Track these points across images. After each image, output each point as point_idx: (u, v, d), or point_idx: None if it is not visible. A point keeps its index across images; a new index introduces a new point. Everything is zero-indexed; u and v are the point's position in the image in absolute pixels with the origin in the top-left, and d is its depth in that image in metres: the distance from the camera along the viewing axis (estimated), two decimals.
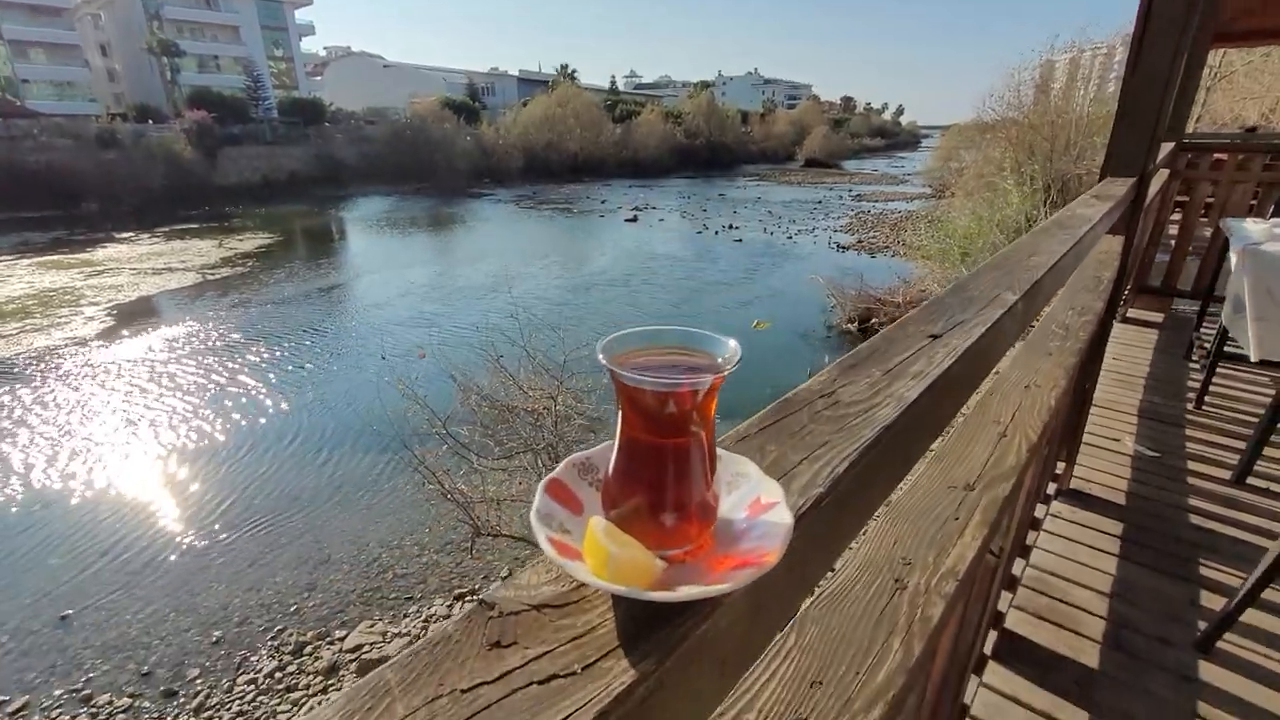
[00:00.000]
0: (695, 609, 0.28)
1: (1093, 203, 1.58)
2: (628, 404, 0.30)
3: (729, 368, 0.30)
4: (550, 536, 0.30)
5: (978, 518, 0.71)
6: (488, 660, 0.27)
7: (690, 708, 0.29)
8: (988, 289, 0.80)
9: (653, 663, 0.26)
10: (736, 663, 0.31)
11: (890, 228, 20.73)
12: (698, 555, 0.32)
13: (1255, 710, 1.73)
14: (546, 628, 0.28)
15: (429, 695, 0.25)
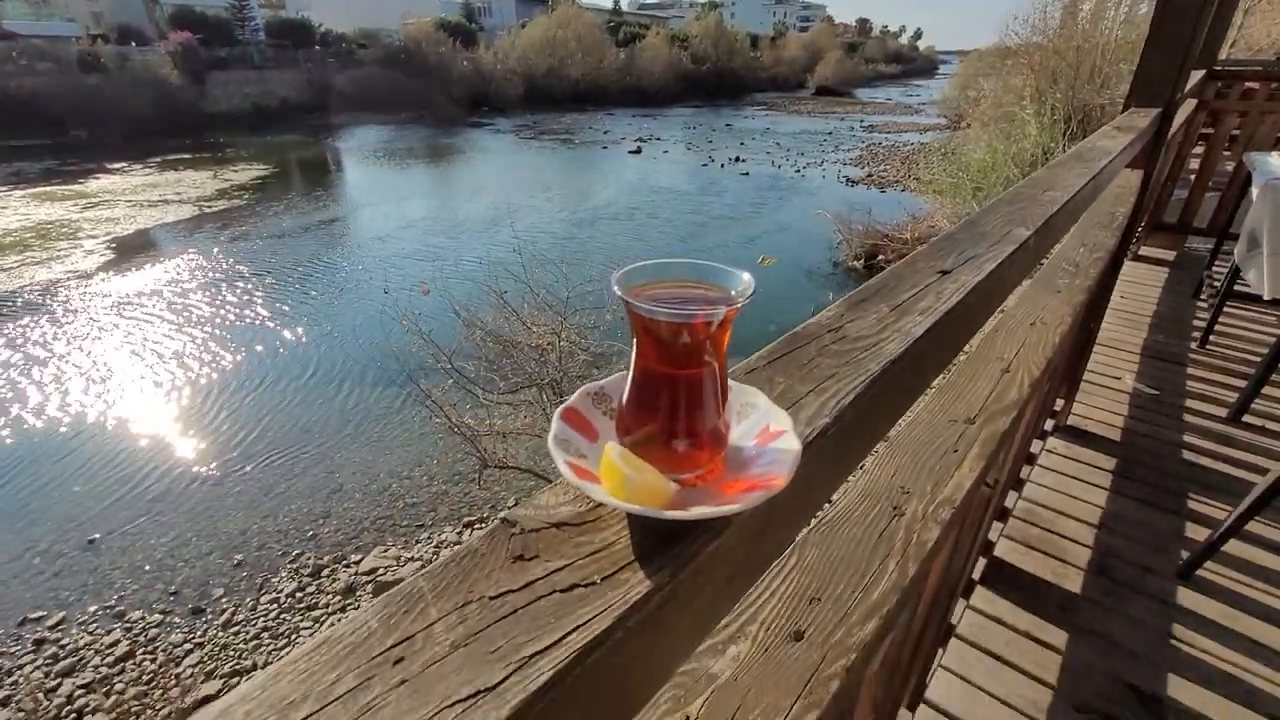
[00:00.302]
0: (706, 527, 0.30)
1: (1114, 134, 1.52)
2: (643, 334, 0.31)
3: (742, 300, 0.31)
4: (568, 460, 0.31)
5: (976, 450, 0.73)
6: (512, 571, 0.29)
7: (699, 615, 0.31)
8: (1000, 224, 0.79)
9: (667, 575, 0.28)
10: (743, 577, 0.33)
11: (902, 161, 20.10)
12: (709, 479, 0.33)
13: (1227, 631, 1.82)
14: (566, 543, 0.30)
15: (459, 601, 0.27)
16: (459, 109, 32.42)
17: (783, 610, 0.54)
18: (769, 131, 26.86)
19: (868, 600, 0.55)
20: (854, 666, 0.49)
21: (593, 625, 0.26)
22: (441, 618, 0.26)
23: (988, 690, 1.65)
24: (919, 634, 1.06)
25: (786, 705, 0.47)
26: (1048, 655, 1.75)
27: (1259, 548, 2.09)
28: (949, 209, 13.87)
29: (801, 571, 0.58)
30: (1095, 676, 1.69)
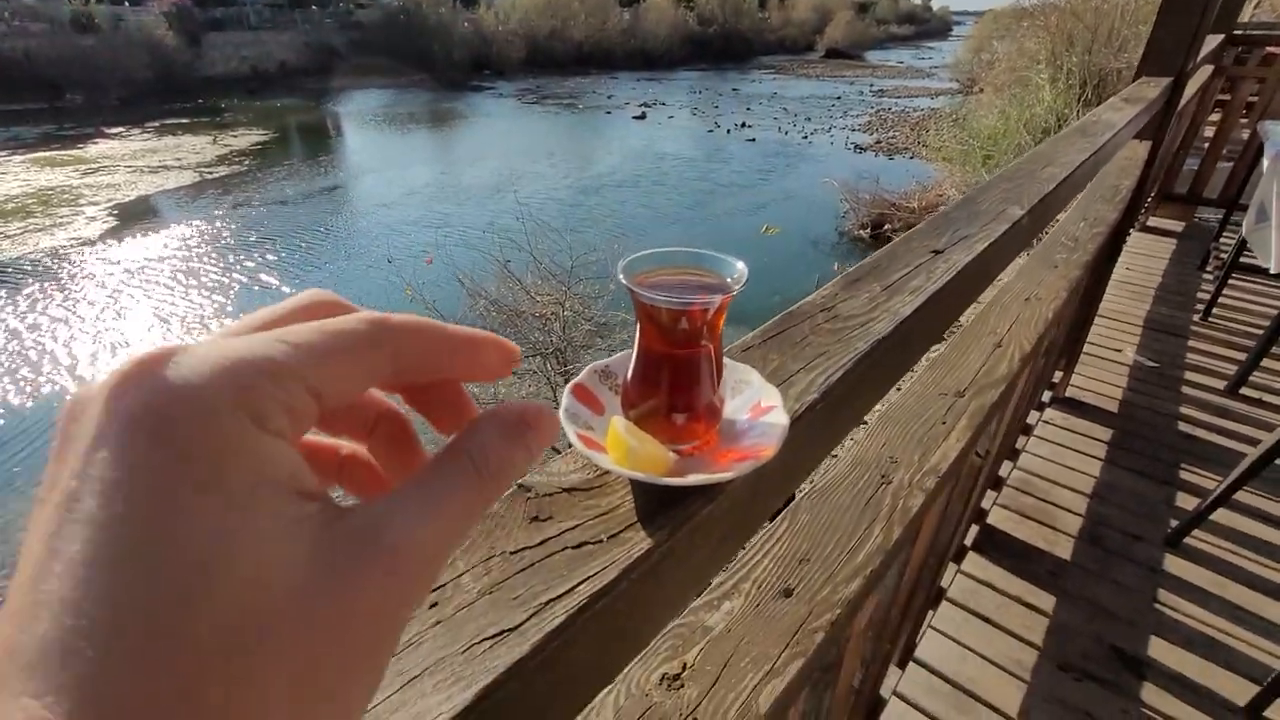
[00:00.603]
0: (702, 493, 0.34)
1: (1120, 106, 1.52)
2: (646, 319, 0.34)
3: (736, 288, 0.34)
4: (578, 432, 0.35)
5: (964, 423, 0.77)
6: (529, 530, 0.32)
7: (695, 570, 0.35)
8: (996, 202, 0.81)
9: (665, 534, 0.32)
10: (735, 537, 0.37)
11: (911, 127, 19.70)
12: (704, 450, 0.37)
13: (1211, 597, 1.88)
14: (576, 506, 0.34)
15: (484, 555, 0.31)
16: (460, 72, 31.78)
17: (774, 569, 0.59)
18: (776, 96, 26.30)
19: (853, 561, 0.59)
20: (838, 621, 0.54)
21: (600, 577, 0.29)
22: (469, 569, 0.30)
23: (975, 650, 1.72)
24: (908, 596, 1.12)
25: (775, 654, 0.51)
26: (1035, 618, 1.82)
27: (1247, 516, 2.14)
28: (958, 177, 13.65)
29: (793, 534, 0.62)
30: (1080, 638, 1.76)
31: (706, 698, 0.48)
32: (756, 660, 0.50)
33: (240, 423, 0.14)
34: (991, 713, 1.59)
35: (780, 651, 0.51)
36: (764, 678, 0.49)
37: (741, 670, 0.50)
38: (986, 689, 1.64)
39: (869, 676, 1.11)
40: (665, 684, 0.49)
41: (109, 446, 0.13)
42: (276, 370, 0.15)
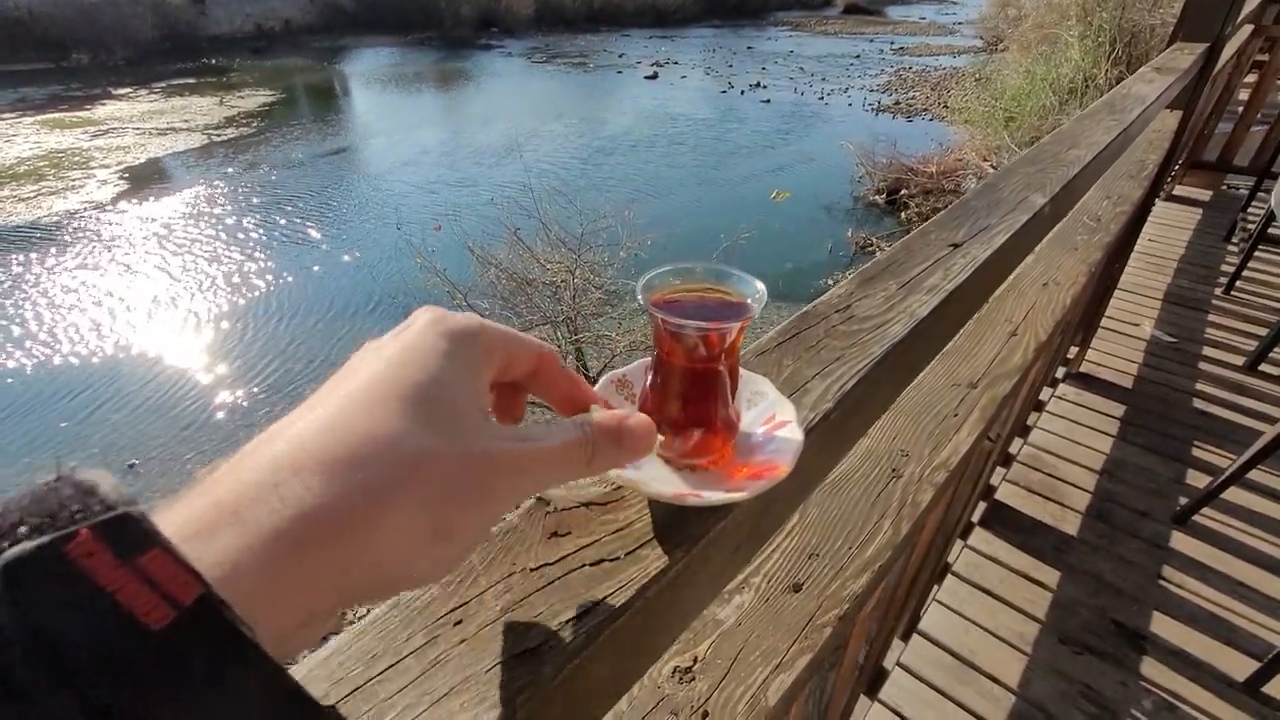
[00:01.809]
0: (716, 509, 0.34)
1: (1152, 78, 1.46)
2: (663, 336, 0.34)
3: (756, 309, 0.34)
4: None
5: (975, 415, 0.77)
6: (548, 546, 0.33)
7: (709, 582, 0.36)
8: (1017, 189, 0.79)
9: (681, 551, 0.33)
10: (748, 548, 0.38)
11: (932, 87, 19.08)
12: (720, 463, 0.37)
13: (1216, 574, 1.90)
14: (594, 521, 0.35)
15: (505, 572, 0.32)
16: (468, 29, 30.97)
17: (784, 564, 0.60)
18: (793, 55, 25.48)
19: (862, 556, 0.60)
20: (846, 615, 0.55)
21: (617, 596, 0.30)
22: (490, 587, 0.31)
23: (978, 623, 1.76)
24: (913, 576, 1.13)
25: (784, 648, 0.53)
26: (1039, 592, 1.85)
27: (1259, 495, 2.13)
28: (979, 140, 13.26)
29: (804, 529, 0.63)
30: (1082, 612, 1.79)
31: (717, 690, 0.50)
32: (766, 654, 0.52)
33: (476, 348, 0.25)
34: (991, 683, 1.63)
35: (789, 646, 0.53)
36: (773, 671, 0.51)
37: (751, 664, 0.51)
38: (988, 660, 1.67)
39: (873, 652, 1.14)
40: (677, 676, 0.51)
41: (416, 326, 0.24)
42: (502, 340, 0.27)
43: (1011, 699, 1.60)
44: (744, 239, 7.74)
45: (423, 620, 0.29)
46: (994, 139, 12.83)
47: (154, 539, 0.15)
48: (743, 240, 7.62)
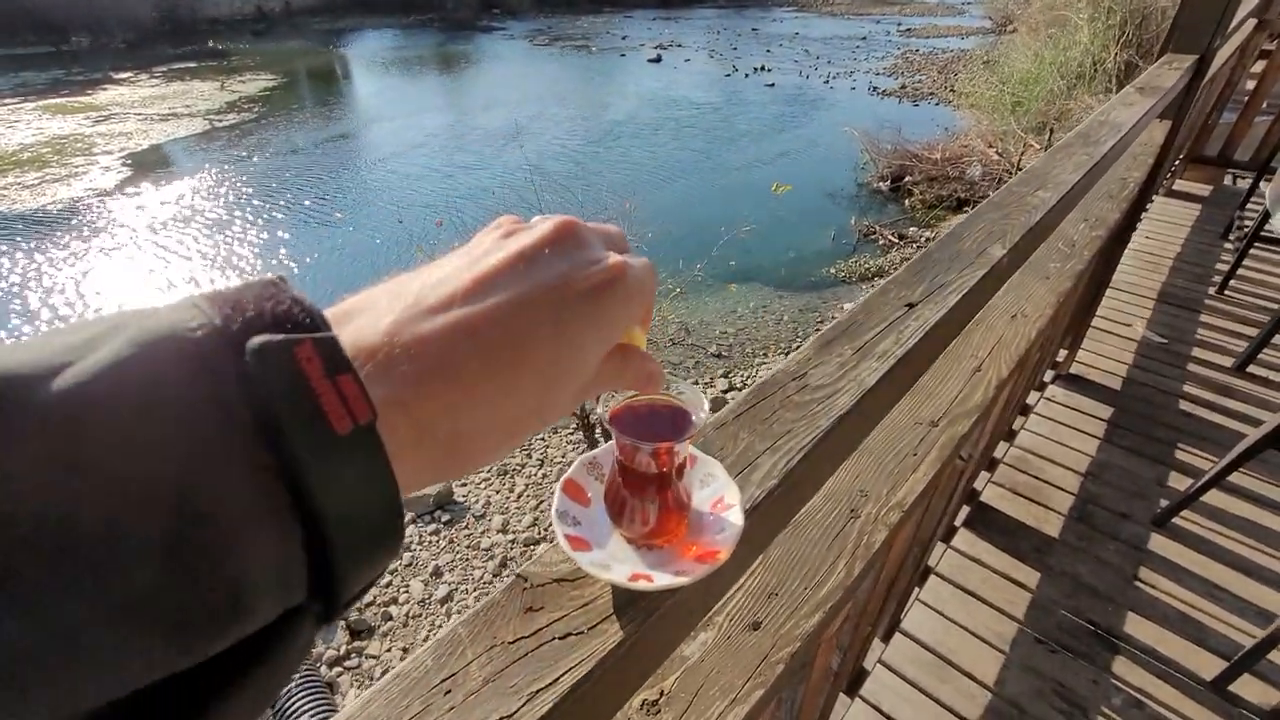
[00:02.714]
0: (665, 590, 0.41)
1: (1133, 99, 1.49)
2: (623, 445, 0.40)
3: (700, 424, 0.40)
4: (566, 533, 0.42)
5: (934, 454, 0.82)
6: (524, 620, 0.40)
7: (665, 644, 0.42)
8: (979, 240, 0.84)
9: (636, 625, 0.39)
10: (699, 612, 0.44)
11: (939, 70, 18.83)
12: (673, 542, 0.44)
13: (1191, 576, 1.96)
14: (564, 596, 0.41)
15: (488, 644, 0.38)
16: (469, 10, 30.64)
17: (746, 603, 0.66)
18: (798, 37, 25.13)
19: (815, 596, 0.66)
20: (797, 653, 0.61)
21: (581, 667, 0.37)
22: (475, 659, 0.37)
23: (958, 622, 1.83)
24: (889, 586, 1.20)
25: (740, 684, 0.59)
26: (1018, 593, 1.92)
27: (1239, 498, 2.19)
28: (985, 125, 13.12)
29: (766, 569, 0.69)
30: (1059, 612, 1.86)
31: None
32: (724, 689, 0.59)
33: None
34: (969, 681, 1.70)
35: (744, 681, 0.59)
36: (729, 705, 0.58)
37: (710, 698, 0.58)
38: (966, 659, 1.75)
39: (849, 656, 1.21)
40: (645, 709, 0.57)
41: (541, 227, 0.27)
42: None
43: (988, 696, 1.68)
44: (746, 230, 7.74)
45: (418, 690, 0.36)
46: (1000, 124, 12.69)
47: (348, 366, 0.18)
48: (744, 232, 7.62)
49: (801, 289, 8.49)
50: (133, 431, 0.15)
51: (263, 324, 0.18)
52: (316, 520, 0.17)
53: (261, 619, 0.17)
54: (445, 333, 0.22)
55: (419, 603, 4.53)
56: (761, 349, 7.08)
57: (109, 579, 0.14)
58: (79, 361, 0.15)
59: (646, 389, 0.32)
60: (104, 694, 0.14)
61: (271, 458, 0.17)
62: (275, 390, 0.17)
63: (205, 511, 0.15)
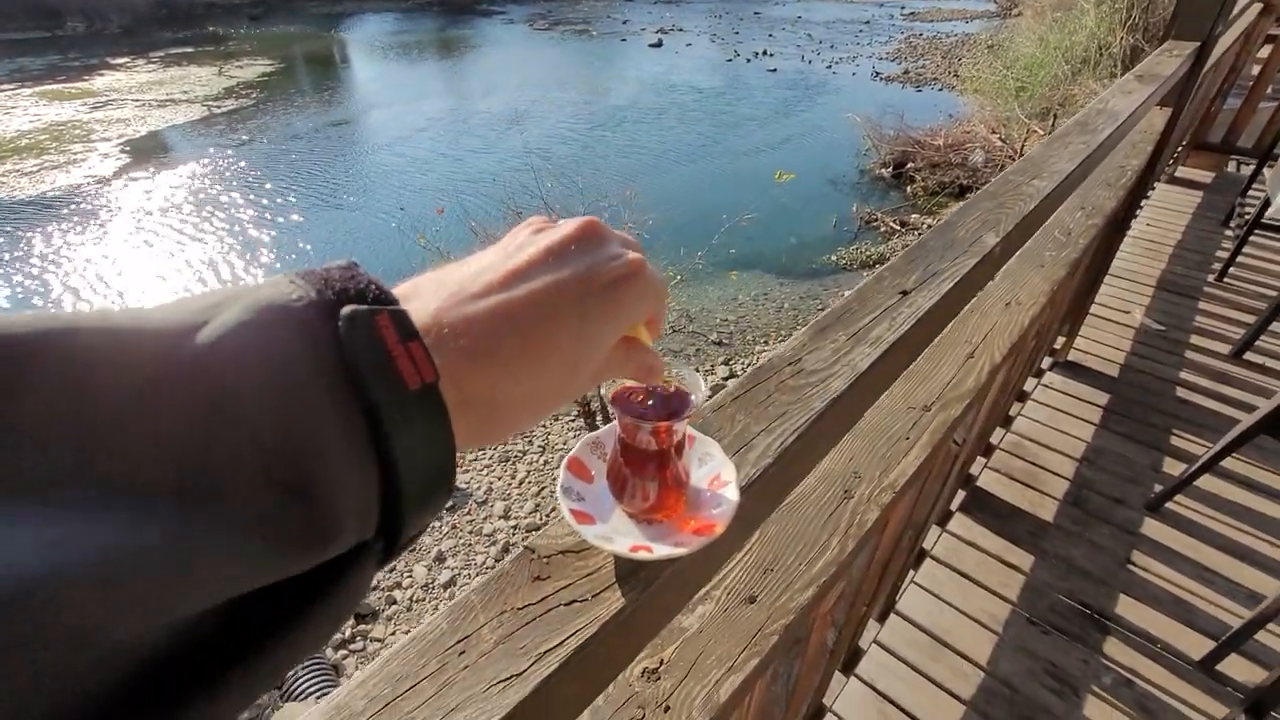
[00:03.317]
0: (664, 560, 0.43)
1: (1132, 88, 1.50)
2: (625, 423, 0.43)
3: (699, 405, 0.42)
4: (571, 508, 0.44)
5: (925, 438, 0.85)
6: (532, 588, 0.42)
7: (664, 612, 0.45)
8: (973, 229, 0.86)
9: (637, 592, 0.42)
10: (695, 582, 0.46)
11: (943, 55, 18.65)
12: (672, 517, 0.46)
13: (1183, 559, 2.00)
14: (569, 566, 0.44)
15: (498, 610, 0.41)
16: None
17: (743, 578, 0.69)
18: (800, 21, 24.87)
19: (809, 572, 0.69)
20: (791, 625, 0.64)
21: (585, 631, 0.39)
22: (487, 623, 0.40)
23: (953, 604, 1.87)
24: (882, 568, 1.23)
25: (736, 653, 0.62)
26: (1013, 576, 1.95)
27: (1231, 483, 2.22)
28: (989, 111, 13.02)
29: (762, 545, 0.72)
30: (1051, 594, 1.90)
31: (678, 688, 0.59)
32: (721, 658, 0.62)
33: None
34: (963, 660, 1.74)
35: (740, 651, 0.62)
36: (725, 673, 0.60)
37: (708, 666, 0.61)
38: (960, 639, 1.79)
39: (844, 635, 1.25)
40: (645, 676, 0.60)
41: (567, 226, 0.30)
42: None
43: (980, 675, 1.71)
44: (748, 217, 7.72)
45: (434, 651, 0.39)
46: (1004, 110, 12.59)
47: (417, 335, 0.22)
48: (746, 219, 7.61)
49: (803, 276, 8.48)
50: (255, 379, 0.18)
51: (349, 297, 0.21)
52: (390, 464, 0.21)
53: (344, 545, 0.20)
54: (486, 316, 0.25)
55: (422, 587, 4.59)
56: (762, 336, 7.09)
57: (236, 499, 0.17)
58: (212, 321, 0.19)
59: (647, 380, 0.35)
60: (225, 592, 0.17)
61: (358, 407, 0.20)
62: (362, 351, 0.20)
63: (311, 448, 0.19)
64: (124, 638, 0.15)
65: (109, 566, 0.15)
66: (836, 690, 1.63)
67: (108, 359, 0.17)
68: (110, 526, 0.15)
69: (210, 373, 0.18)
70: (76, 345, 0.16)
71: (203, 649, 0.18)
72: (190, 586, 0.16)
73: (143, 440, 0.16)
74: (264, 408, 0.18)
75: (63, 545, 0.14)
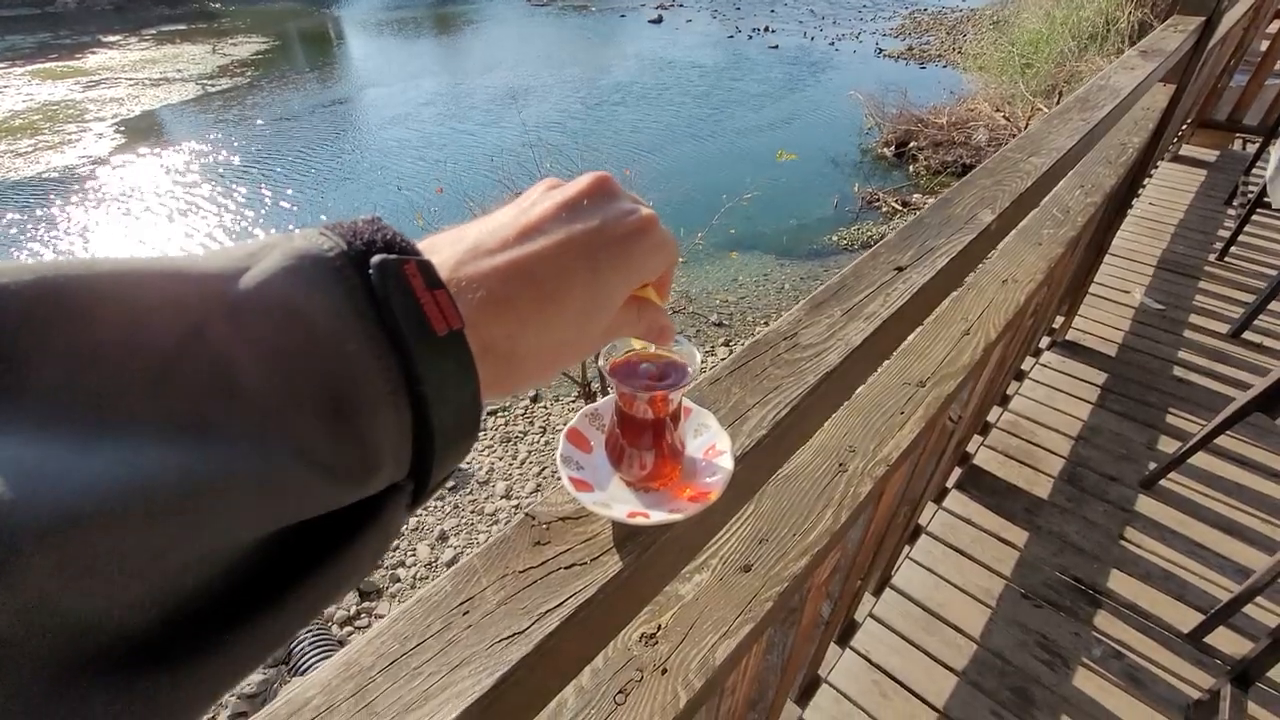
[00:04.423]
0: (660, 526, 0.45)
1: (1135, 64, 1.49)
2: (622, 393, 0.44)
3: (694, 375, 0.43)
4: (570, 476, 0.45)
5: (920, 413, 0.86)
6: (533, 553, 0.44)
7: (659, 577, 0.47)
8: (970, 205, 0.86)
9: (634, 557, 0.43)
10: (690, 549, 0.48)
11: (947, 31, 18.37)
12: (668, 485, 0.47)
13: (1175, 535, 2.03)
14: (568, 531, 0.45)
15: (500, 573, 0.42)
16: None
17: (738, 548, 0.71)
18: None
19: (804, 542, 0.70)
20: (785, 592, 0.66)
21: (584, 592, 0.41)
22: (490, 585, 0.42)
23: (947, 579, 1.90)
24: (878, 542, 1.25)
25: (731, 619, 0.64)
26: (1007, 551, 1.98)
27: (1225, 460, 2.24)
28: (993, 89, 12.85)
29: (757, 517, 0.74)
30: (1045, 569, 1.93)
31: (675, 652, 0.61)
32: (716, 624, 0.63)
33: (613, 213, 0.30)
34: (956, 633, 1.78)
35: (736, 617, 0.64)
36: (720, 638, 0.62)
37: (704, 631, 0.63)
38: (954, 613, 1.82)
39: (840, 608, 1.27)
40: (643, 641, 0.62)
41: (580, 182, 0.30)
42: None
43: (973, 647, 1.75)
44: (748, 197, 7.67)
45: (439, 611, 0.40)
46: (1009, 87, 12.43)
47: (441, 283, 0.23)
48: (746, 199, 7.55)
49: (803, 257, 8.45)
50: (299, 320, 0.20)
51: (377, 248, 0.22)
52: (422, 405, 0.22)
53: (381, 482, 0.21)
54: (503, 269, 0.26)
55: (425, 565, 4.66)
56: (762, 317, 7.09)
57: (296, 430, 0.19)
58: (253, 268, 0.20)
59: (659, 340, 0.36)
60: (278, 520, 0.19)
61: (391, 348, 0.21)
62: (392, 295, 0.21)
63: (355, 385, 0.20)
64: (195, 555, 0.17)
65: (186, 485, 0.16)
66: (832, 661, 1.67)
67: (170, 298, 0.18)
68: (183, 452, 0.16)
69: (258, 312, 0.19)
70: (145, 280, 0.18)
71: (257, 578, 0.19)
72: (249, 512, 0.18)
73: (200, 375, 0.18)
74: (309, 348, 0.19)
75: (144, 466, 0.15)
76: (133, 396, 0.17)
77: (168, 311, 0.18)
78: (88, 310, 0.17)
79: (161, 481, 0.15)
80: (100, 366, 0.16)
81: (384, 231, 0.23)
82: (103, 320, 0.17)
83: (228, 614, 0.18)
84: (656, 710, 0.61)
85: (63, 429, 0.15)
